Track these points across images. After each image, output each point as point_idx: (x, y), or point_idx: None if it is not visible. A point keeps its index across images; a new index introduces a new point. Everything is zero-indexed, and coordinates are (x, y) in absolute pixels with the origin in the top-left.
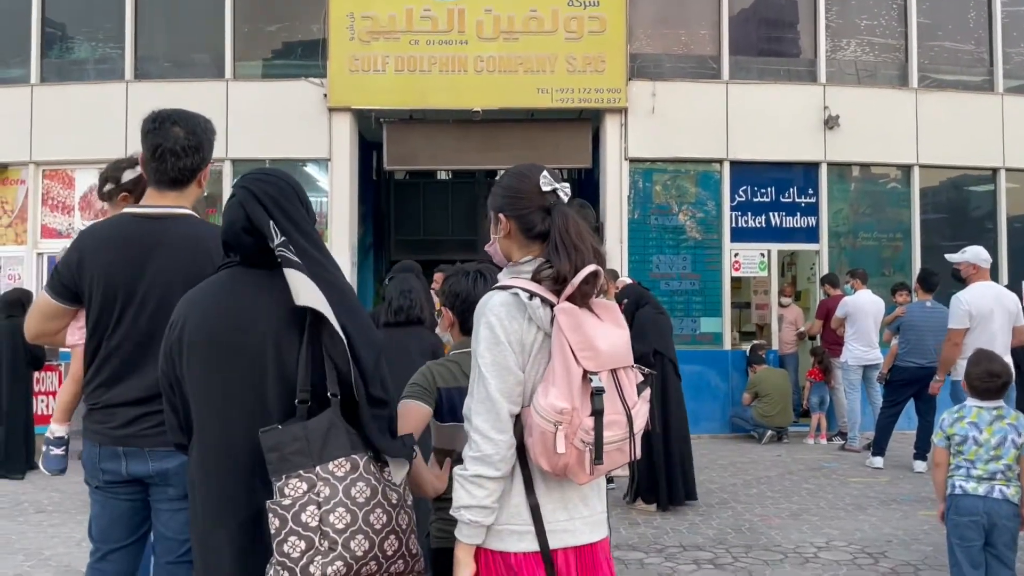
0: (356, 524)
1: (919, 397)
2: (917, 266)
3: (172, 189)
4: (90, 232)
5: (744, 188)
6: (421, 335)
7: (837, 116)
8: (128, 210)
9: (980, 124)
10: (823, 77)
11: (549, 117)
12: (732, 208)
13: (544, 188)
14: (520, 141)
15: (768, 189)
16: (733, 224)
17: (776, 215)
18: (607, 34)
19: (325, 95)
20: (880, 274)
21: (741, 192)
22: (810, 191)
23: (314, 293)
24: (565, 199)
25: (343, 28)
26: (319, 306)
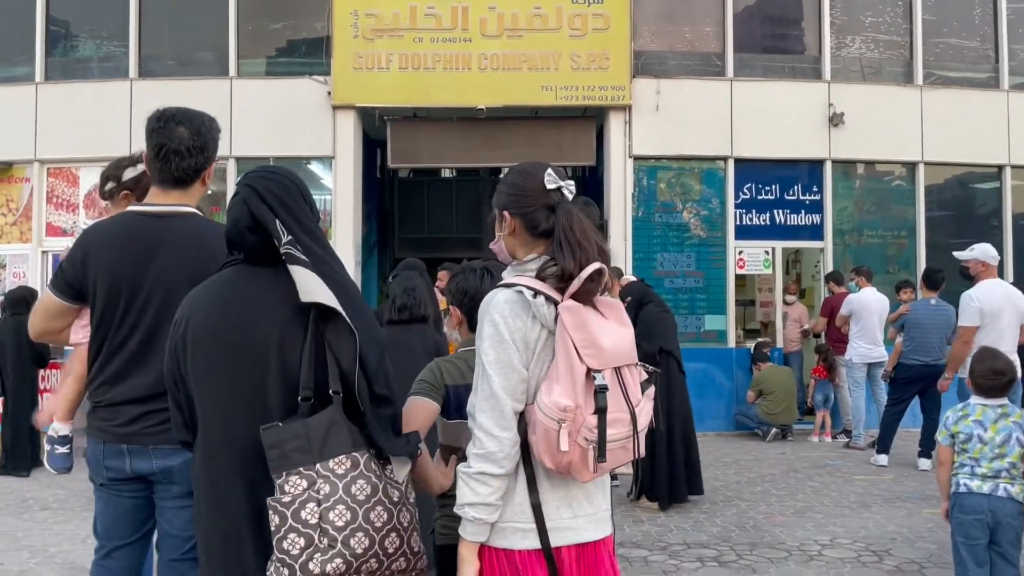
0: (356, 522)
1: (924, 395)
2: (922, 264)
3: (176, 188)
4: (94, 230)
5: (748, 185)
6: (424, 333)
7: (842, 113)
8: (132, 208)
9: (985, 121)
10: (828, 74)
11: (553, 115)
12: (736, 205)
13: (549, 186)
14: (524, 139)
15: (772, 186)
16: (737, 222)
17: (780, 212)
18: (611, 31)
19: (329, 93)
20: (885, 272)
21: (745, 189)
22: (815, 188)
23: (322, 289)
24: (570, 197)
25: (347, 26)
26: (329, 300)
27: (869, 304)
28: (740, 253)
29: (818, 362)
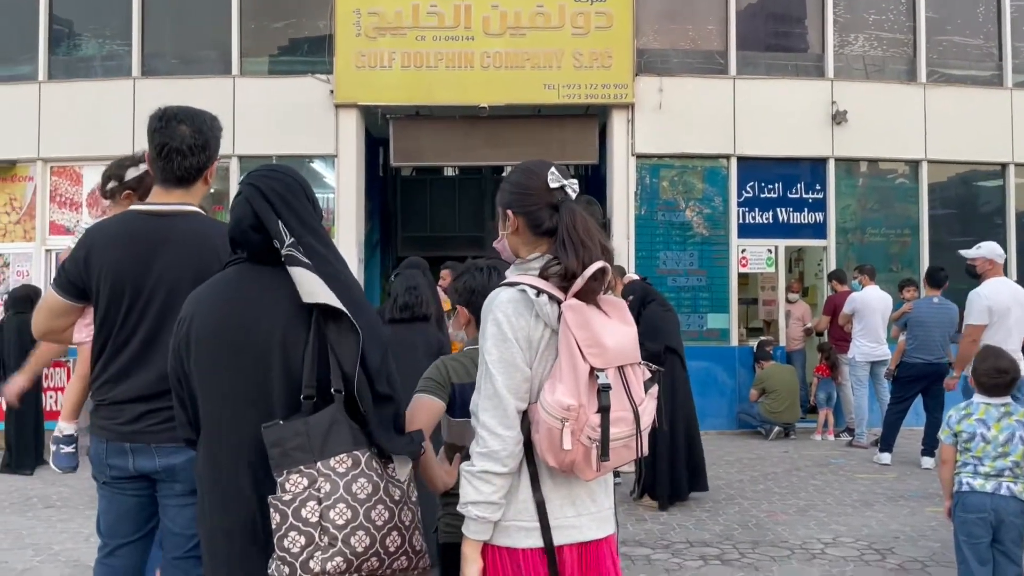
0: (357, 520)
1: (927, 393)
2: (925, 262)
3: (178, 187)
4: (97, 229)
5: (751, 184)
6: (427, 331)
7: (845, 111)
8: (135, 207)
9: (989, 119)
10: (831, 72)
11: (556, 113)
12: (739, 204)
13: (552, 185)
14: (527, 137)
15: (775, 185)
16: (740, 220)
17: (783, 211)
18: (614, 29)
19: (332, 91)
20: (888, 270)
21: (748, 188)
22: (818, 187)
23: (324, 289)
24: (573, 195)
25: (349, 24)
26: (332, 300)
27: (872, 302)
28: (743, 251)
29: (821, 360)
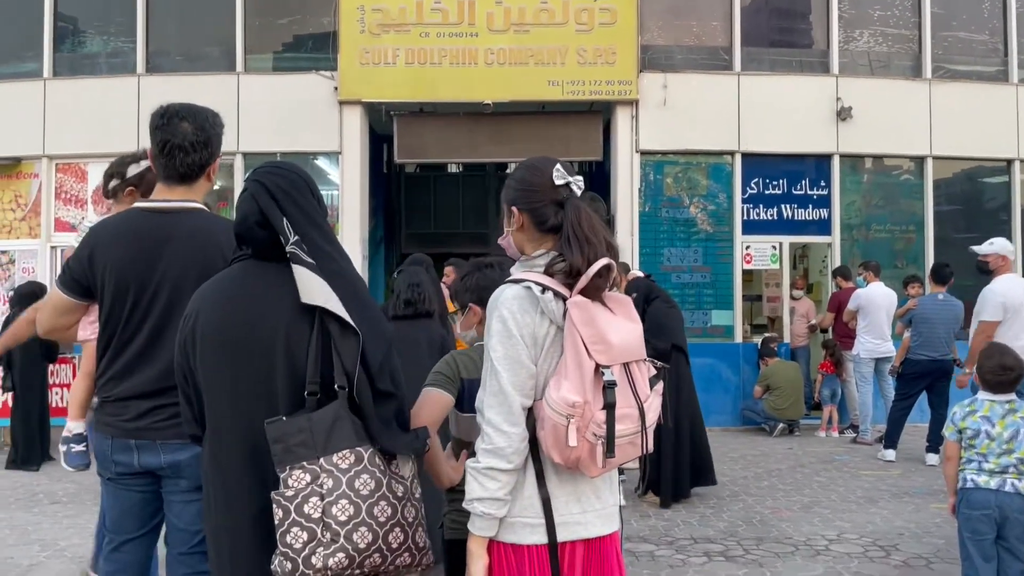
0: (359, 516)
1: (931, 390)
2: (930, 258)
3: (181, 184)
4: (101, 227)
5: (756, 180)
6: (430, 328)
7: (850, 107)
8: (138, 205)
9: (994, 115)
10: (836, 68)
11: (560, 109)
12: (744, 200)
13: (557, 181)
14: (531, 134)
15: (780, 181)
16: (745, 216)
17: (788, 207)
18: (618, 26)
19: (336, 88)
20: (893, 266)
21: (753, 184)
22: (822, 183)
23: (323, 291)
24: (578, 192)
25: (353, 21)
26: (328, 305)
27: (876, 299)
28: (747, 248)
29: (825, 357)
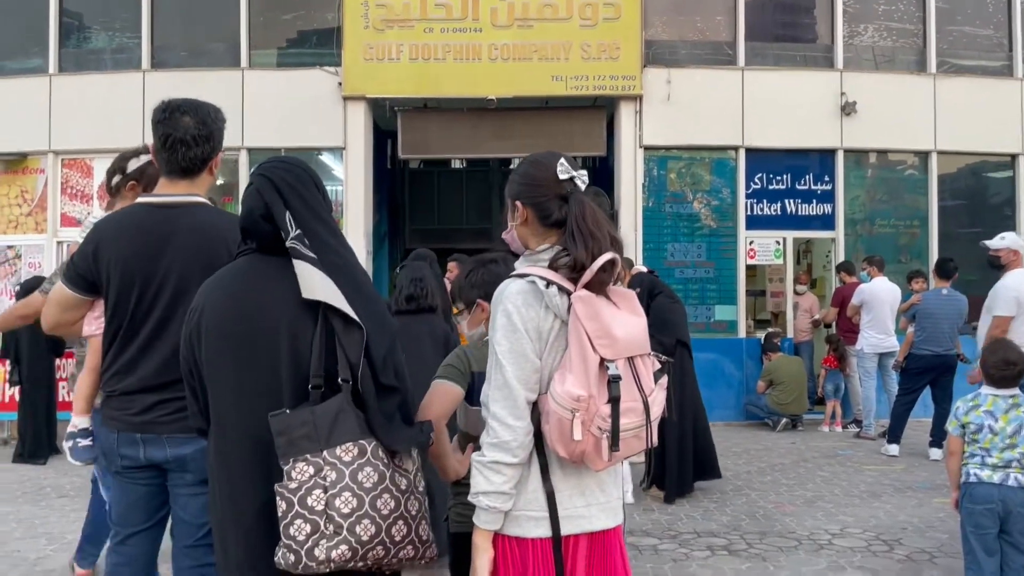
0: (362, 509)
1: (935, 385)
2: (934, 253)
3: (184, 178)
4: (105, 222)
5: (760, 175)
6: (432, 323)
7: (854, 102)
8: (142, 200)
9: (999, 110)
10: (840, 63)
11: (563, 105)
12: (747, 196)
13: (561, 176)
14: (534, 129)
15: (784, 176)
16: (748, 212)
17: (792, 202)
18: (622, 21)
19: (340, 84)
20: (897, 261)
21: (756, 179)
22: (826, 178)
23: (324, 285)
24: (582, 187)
25: (357, 16)
26: (330, 299)
27: (880, 294)
28: (751, 243)
29: (829, 352)
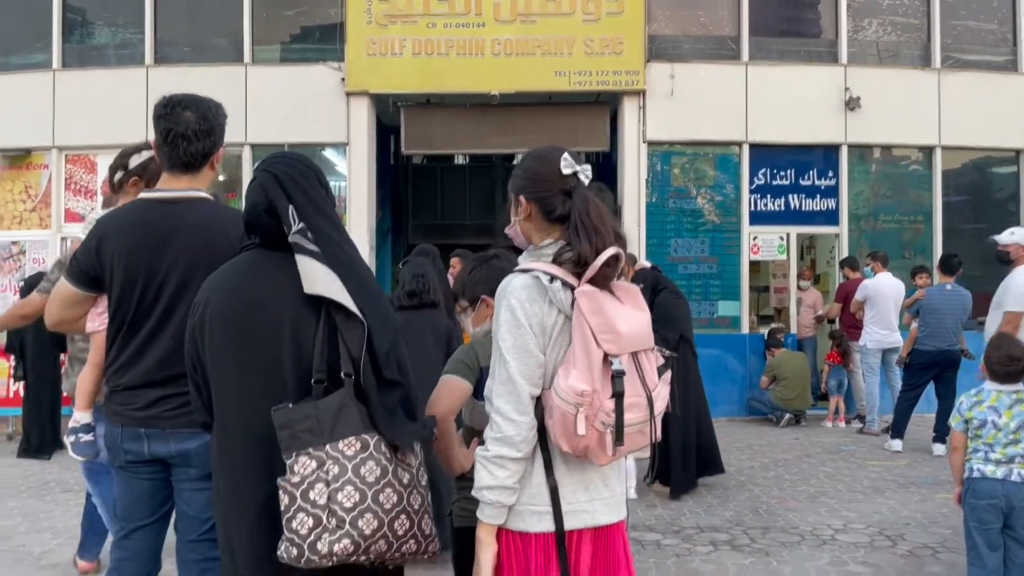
0: (365, 503)
1: (939, 380)
2: (938, 249)
3: (185, 173)
4: (108, 218)
5: (763, 171)
6: (435, 318)
7: (858, 97)
8: (144, 195)
9: (1004, 105)
10: (844, 58)
11: (567, 100)
12: (751, 191)
13: (565, 171)
14: (538, 124)
15: (788, 172)
16: (752, 207)
17: (796, 198)
18: (625, 15)
19: (343, 79)
20: (901, 257)
21: (760, 175)
22: (830, 173)
23: (327, 280)
24: (586, 181)
25: (360, 12)
26: (332, 294)
27: (884, 289)
28: (754, 239)
29: (832, 348)
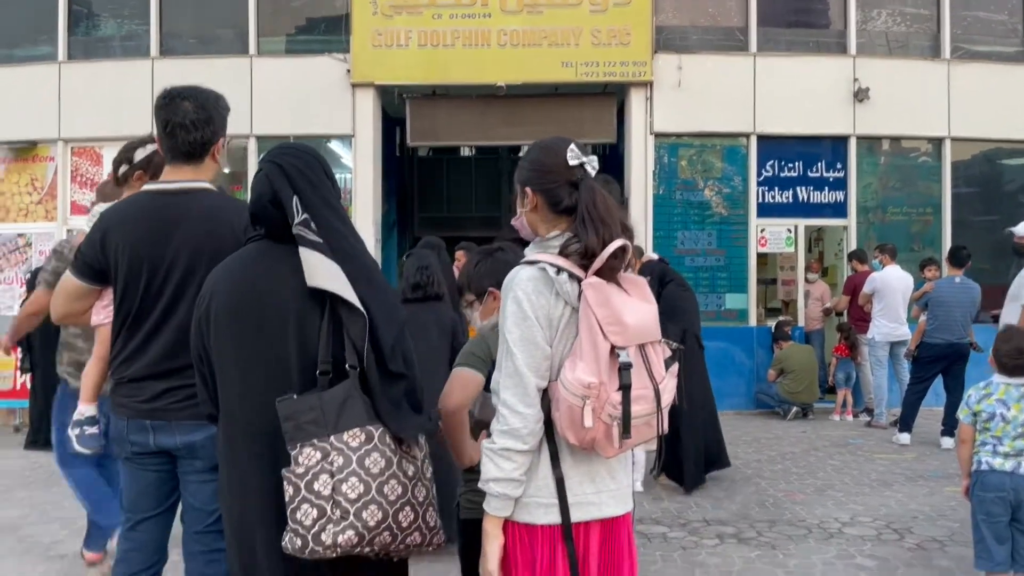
0: (369, 494)
1: (947, 373)
2: (947, 241)
3: (187, 163)
4: (112, 211)
5: (771, 163)
6: (439, 311)
7: (867, 88)
8: (147, 187)
9: (1014, 96)
10: (853, 48)
11: (573, 91)
12: (759, 183)
13: (571, 162)
14: (544, 116)
15: (796, 163)
16: (760, 199)
17: (804, 190)
18: (632, 6)
19: (348, 71)
20: (909, 249)
21: (768, 167)
22: (839, 165)
23: (329, 273)
24: (593, 173)
25: (366, 3)
26: (333, 287)
27: (892, 282)
28: (762, 231)
29: (840, 341)
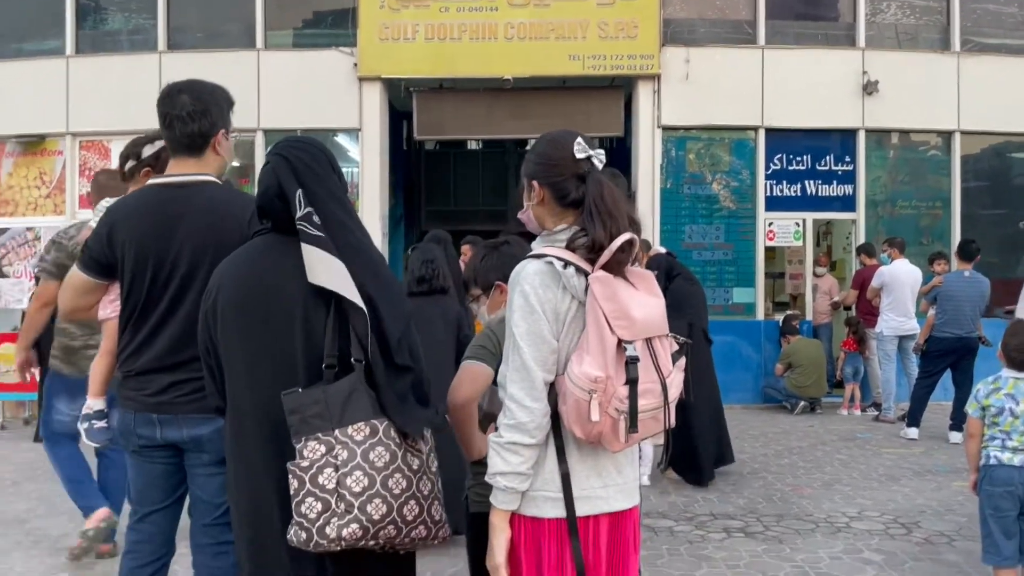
0: (374, 488)
1: (956, 368)
2: (957, 235)
3: (189, 156)
4: (118, 205)
5: (779, 156)
6: (445, 304)
7: (876, 81)
8: (152, 181)
9: None
10: (862, 41)
11: (581, 85)
12: (767, 177)
13: (578, 155)
14: (551, 109)
15: (804, 157)
16: (768, 193)
17: (812, 183)
18: None
19: (355, 64)
20: (918, 243)
21: (776, 160)
22: (847, 159)
23: (329, 269)
24: (600, 166)
25: None
26: (332, 284)
27: (901, 276)
28: (770, 225)
29: (848, 335)
